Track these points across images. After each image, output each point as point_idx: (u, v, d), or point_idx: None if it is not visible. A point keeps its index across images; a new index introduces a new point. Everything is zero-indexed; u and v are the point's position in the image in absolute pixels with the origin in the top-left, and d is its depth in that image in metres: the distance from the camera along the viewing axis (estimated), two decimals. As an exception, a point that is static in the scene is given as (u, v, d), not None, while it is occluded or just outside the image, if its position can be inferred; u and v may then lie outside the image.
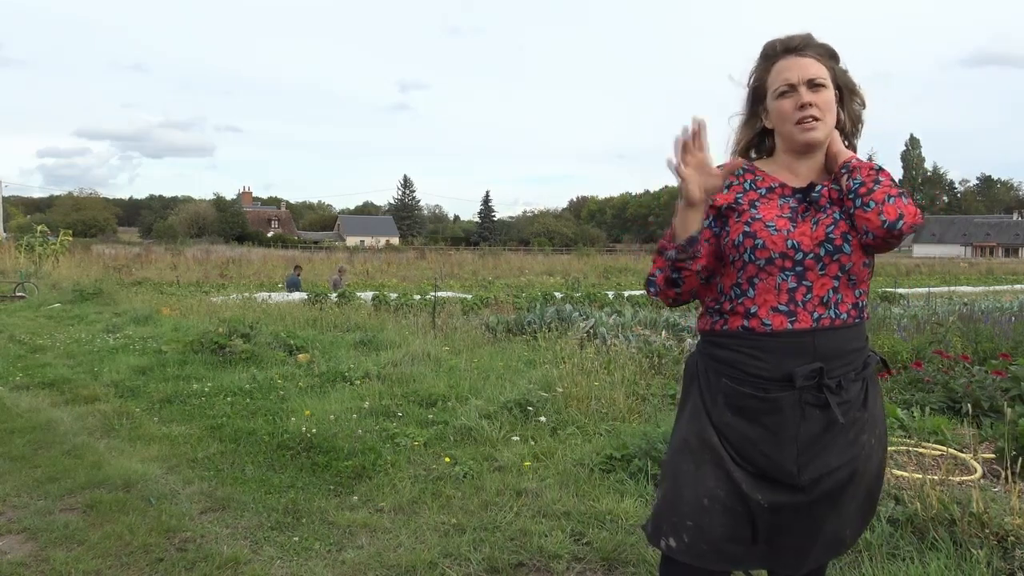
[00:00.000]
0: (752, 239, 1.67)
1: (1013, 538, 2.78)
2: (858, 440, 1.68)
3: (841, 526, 1.72)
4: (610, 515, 3.40)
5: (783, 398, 1.63)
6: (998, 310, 10.26)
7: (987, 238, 77.25)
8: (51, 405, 5.88)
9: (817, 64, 1.73)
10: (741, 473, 1.67)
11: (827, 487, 1.66)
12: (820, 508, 1.68)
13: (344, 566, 3.02)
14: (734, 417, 1.68)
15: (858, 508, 1.74)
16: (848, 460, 1.67)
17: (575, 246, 62.20)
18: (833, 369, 1.64)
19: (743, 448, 1.67)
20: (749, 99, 1.83)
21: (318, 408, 5.23)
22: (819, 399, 1.64)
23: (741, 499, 1.66)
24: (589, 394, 5.23)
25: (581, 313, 10.32)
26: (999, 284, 27.30)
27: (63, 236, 26.36)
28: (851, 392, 1.67)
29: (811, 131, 1.71)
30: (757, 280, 1.67)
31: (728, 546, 1.67)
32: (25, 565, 3.03)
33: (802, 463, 1.64)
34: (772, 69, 1.76)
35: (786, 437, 1.64)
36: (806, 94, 1.70)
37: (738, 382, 1.67)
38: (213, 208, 79.86)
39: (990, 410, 4.81)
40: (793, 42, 1.76)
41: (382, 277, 27.40)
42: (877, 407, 1.75)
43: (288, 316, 10.49)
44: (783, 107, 1.73)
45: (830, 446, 1.65)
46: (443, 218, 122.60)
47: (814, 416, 1.64)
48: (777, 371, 1.63)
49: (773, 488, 1.66)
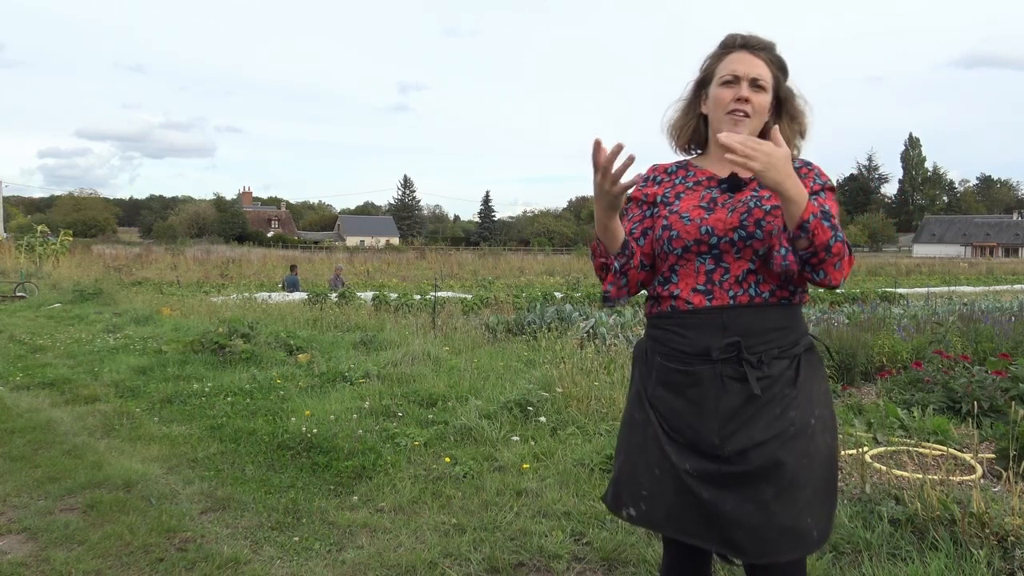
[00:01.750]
0: (668, 231, 1.80)
1: (1013, 538, 2.78)
2: (785, 415, 1.71)
3: (797, 514, 1.70)
4: (610, 515, 3.39)
5: (703, 371, 1.73)
6: (998, 310, 10.27)
7: (987, 238, 77.26)
8: (51, 405, 5.88)
9: (765, 68, 1.83)
10: (671, 445, 1.76)
11: (756, 461, 1.69)
12: (761, 486, 1.68)
13: (344, 566, 3.03)
14: (664, 391, 1.79)
15: (814, 495, 1.73)
16: (775, 435, 1.69)
17: (575, 246, 62.17)
18: (753, 345, 1.72)
19: (672, 420, 1.77)
20: (696, 84, 1.92)
21: (318, 408, 5.23)
22: (738, 372, 1.71)
23: (673, 469, 1.75)
24: (589, 394, 5.24)
25: (581, 313, 10.32)
26: (999, 284, 27.30)
27: (63, 236, 26.38)
28: (774, 369, 1.72)
29: (737, 125, 1.79)
30: (678, 267, 1.80)
31: (680, 515, 1.75)
32: (25, 565, 3.03)
33: (724, 435, 1.70)
34: (725, 59, 1.85)
35: (707, 409, 1.72)
36: (746, 89, 1.80)
37: (667, 358, 1.79)
38: (213, 208, 79.92)
39: (990, 410, 4.81)
40: (752, 41, 1.85)
41: (382, 277, 27.41)
42: (815, 388, 1.78)
43: (288, 316, 10.50)
44: (722, 95, 1.82)
45: (754, 419, 1.70)
46: (443, 218, 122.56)
47: (734, 389, 1.71)
48: (697, 345, 1.74)
49: (699, 458, 1.73)
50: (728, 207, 1.78)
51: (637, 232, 1.88)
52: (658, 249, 1.83)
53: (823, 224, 1.61)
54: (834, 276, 1.67)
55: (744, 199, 1.78)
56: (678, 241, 1.78)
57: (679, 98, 1.96)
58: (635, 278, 1.86)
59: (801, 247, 1.65)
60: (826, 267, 1.66)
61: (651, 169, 1.97)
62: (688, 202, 1.83)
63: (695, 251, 1.77)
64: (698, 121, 1.92)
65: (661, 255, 1.83)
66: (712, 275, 1.76)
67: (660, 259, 1.84)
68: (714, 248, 1.76)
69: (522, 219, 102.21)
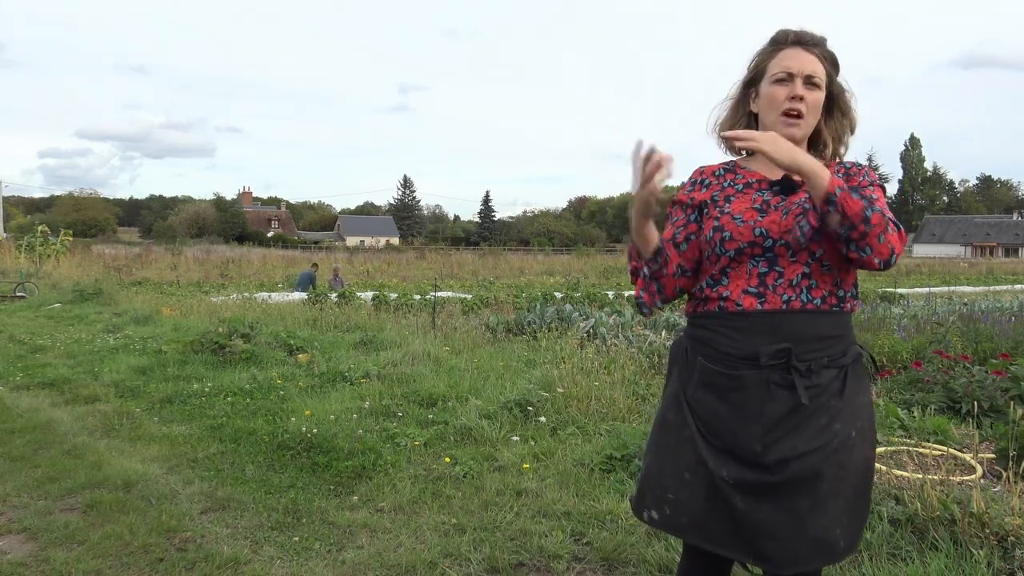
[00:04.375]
0: (720, 232, 1.74)
1: (1013, 538, 2.78)
2: (830, 427, 1.66)
3: (828, 525, 1.67)
4: (610, 515, 3.40)
5: (748, 376, 1.67)
6: (998, 310, 10.25)
7: (987, 238, 77.21)
8: (51, 405, 5.88)
9: (819, 64, 1.77)
10: (708, 449, 1.71)
11: (797, 471, 1.64)
12: (797, 498, 1.65)
13: (344, 566, 3.02)
14: (705, 393, 1.73)
15: (846, 507, 1.69)
16: (818, 447, 1.65)
17: (575, 246, 62.12)
18: (803, 352, 1.66)
19: (711, 423, 1.71)
20: (744, 81, 1.86)
21: (318, 408, 5.23)
22: (786, 380, 1.65)
23: (709, 475, 1.69)
24: (589, 394, 5.23)
25: (581, 313, 10.32)
26: (999, 284, 27.26)
27: (63, 236, 26.35)
28: (823, 378, 1.67)
29: (791, 127, 1.74)
30: (730, 269, 1.74)
31: (708, 522, 1.70)
32: (25, 565, 3.03)
33: (767, 442, 1.65)
34: (776, 55, 1.79)
35: (750, 414, 1.67)
36: (800, 87, 1.74)
37: (710, 360, 1.73)
38: (213, 208, 79.85)
39: (990, 410, 4.81)
40: (804, 36, 1.79)
41: (382, 277, 27.41)
42: (859, 401, 1.73)
43: (288, 316, 10.49)
44: (775, 93, 1.76)
45: (799, 429, 1.65)
46: (443, 218, 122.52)
47: (781, 397, 1.65)
48: (745, 349, 1.68)
49: (738, 465, 1.67)
50: (782, 209, 1.73)
51: (680, 237, 1.82)
52: (708, 252, 1.77)
53: (852, 196, 1.55)
54: (880, 250, 1.59)
55: (798, 201, 1.72)
56: (731, 243, 1.72)
57: (727, 96, 1.90)
58: (671, 284, 1.82)
59: (834, 223, 1.57)
60: (869, 241, 1.57)
61: (697, 172, 1.90)
62: (740, 204, 1.77)
63: (748, 253, 1.72)
64: (748, 120, 1.86)
65: (711, 257, 1.77)
66: (765, 278, 1.70)
67: (710, 262, 1.78)
68: (768, 251, 1.70)
69: (522, 219, 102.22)
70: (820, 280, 1.70)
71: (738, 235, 1.72)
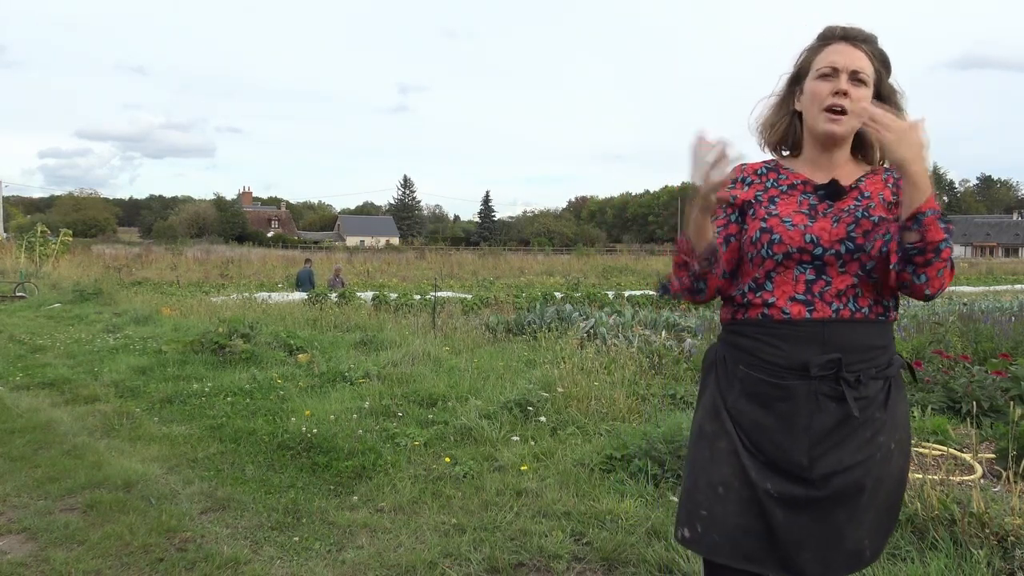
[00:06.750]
0: (769, 234, 1.67)
1: (1013, 538, 2.78)
2: (875, 440, 1.62)
3: (861, 537, 1.64)
4: (610, 515, 3.40)
5: (797, 386, 1.61)
6: (998, 310, 10.26)
7: (987, 238, 77.20)
8: (51, 405, 5.88)
9: (867, 61, 1.70)
10: (751, 460, 1.64)
11: (840, 486, 1.61)
12: (836, 510, 1.62)
13: (344, 566, 3.02)
14: (748, 403, 1.66)
15: (876, 518, 1.67)
16: (862, 460, 1.61)
17: (575, 246, 62.15)
18: (852, 363, 1.61)
19: (754, 435, 1.65)
20: (790, 78, 1.80)
21: (318, 408, 5.23)
22: (835, 391, 1.60)
23: (750, 487, 1.63)
24: (589, 394, 5.23)
25: (581, 313, 10.32)
26: (999, 284, 27.24)
27: (63, 236, 26.36)
28: (871, 389, 1.63)
29: (834, 123, 1.67)
30: (775, 274, 1.67)
31: (742, 539, 1.63)
32: (25, 565, 3.03)
33: (814, 456, 1.60)
34: (823, 50, 1.72)
35: (798, 426, 1.61)
36: (845, 82, 1.67)
37: (754, 368, 1.66)
38: (213, 208, 79.91)
39: (990, 410, 4.81)
40: (853, 32, 1.73)
41: (382, 277, 27.42)
42: (899, 412, 1.69)
43: (288, 316, 10.50)
44: (819, 88, 1.69)
45: (845, 442, 1.61)
46: (443, 218, 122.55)
47: (829, 408, 1.60)
48: (794, 359, 1.62)
49: (782, 478, 1.62)
50: (831, 216, 1.66)
51: (720, 237, 1.75)
52: (752, 254, 1.69)
53: (938, 223, 1.49)
54: (934, 283, 1.54)
55: (848, 208, 1.66)
56: (780, 246, 1.65)
57: (771, 93, 1.83)
58: (714, 285, 1.75)
59: (910, 240, 1.51)
60: (930, 270, 1.53)
61: (738, 169, 1.81)
62: (787, 207, 1.70)
63: (796, 259, 1.64)
64: (792, 119, 1.79)
65: (756, 260, 1.69)
66: (812, 286, 1.63)
67: (753, 264, 1.70)
68: (817, 259, 1.63)
69: (522, 219, 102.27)
70: (866, 289, 1.65)
71: (788, 239, 1.65)
